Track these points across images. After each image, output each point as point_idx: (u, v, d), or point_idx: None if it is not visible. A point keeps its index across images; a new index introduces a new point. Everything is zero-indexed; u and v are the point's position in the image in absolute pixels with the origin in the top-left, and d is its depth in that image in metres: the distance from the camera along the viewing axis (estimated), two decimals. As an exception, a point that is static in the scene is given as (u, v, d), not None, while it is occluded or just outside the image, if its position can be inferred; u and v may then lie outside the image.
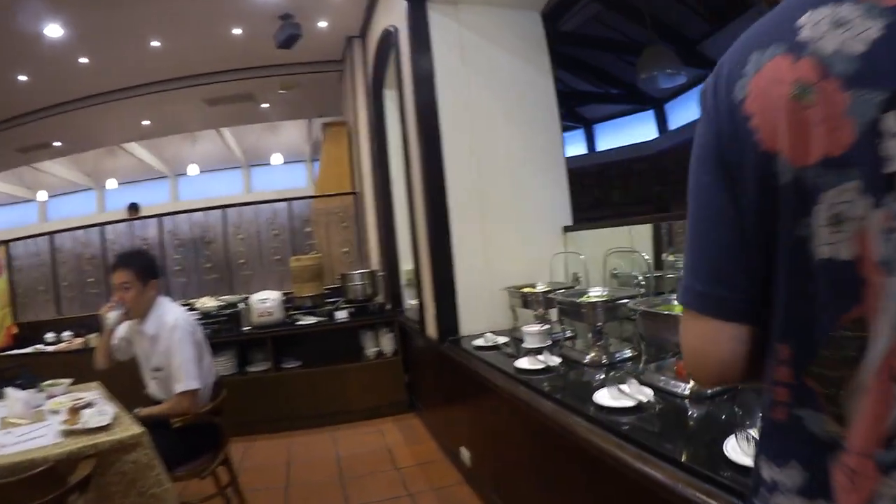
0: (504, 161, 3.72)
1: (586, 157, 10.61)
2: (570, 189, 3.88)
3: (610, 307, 2.51)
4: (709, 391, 1.86)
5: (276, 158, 12.88)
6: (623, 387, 1.92)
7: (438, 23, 3.61)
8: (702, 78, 7.03)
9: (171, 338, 2.86)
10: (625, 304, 2.49)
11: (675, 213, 3.35)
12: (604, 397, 1.93)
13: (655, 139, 9.61)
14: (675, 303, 2.18)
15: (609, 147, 10.42)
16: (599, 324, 2.52)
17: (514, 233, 3.72)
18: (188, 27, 5.57)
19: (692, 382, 1.90)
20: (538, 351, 2.74)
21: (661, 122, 9.51)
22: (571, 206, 3.88)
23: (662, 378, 2.02)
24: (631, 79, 8.48)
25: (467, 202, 3.62)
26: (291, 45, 5.54)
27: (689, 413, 1.80)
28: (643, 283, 2.98)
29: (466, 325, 3.58)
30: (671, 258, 3.45)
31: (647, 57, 6.32)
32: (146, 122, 8.54)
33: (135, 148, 11.35)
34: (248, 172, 13.60)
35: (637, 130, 9.86)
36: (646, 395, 1.87)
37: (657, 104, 9.41)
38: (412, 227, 4.14)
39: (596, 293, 2.79)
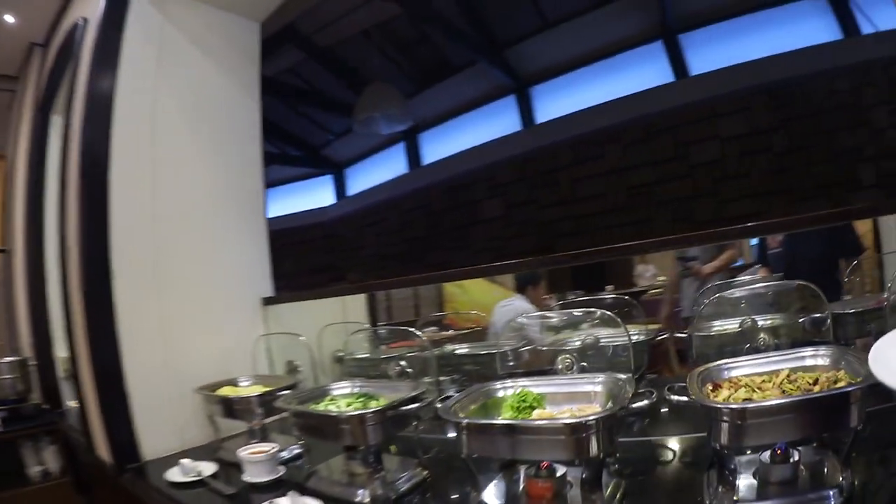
0: (195, 212, 2.81)
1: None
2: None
3: (395, 417, 1.68)
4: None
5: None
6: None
7: (140, 13, 2.60)
8: (396, 138, 6.72)
9: None
10: (415, 408, 1.70)
11: (399, 280, 2.86)
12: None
13: (331, 205, 9.16)
14: (505, 394, 1.56)
15: (282, 213, 9.64)
16: (376, 443, 1.68)
17: (206, 309, 2.80)
18: None
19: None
20: (273, 487, 1.84)
21: (340, 187, 9.12)
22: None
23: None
24: (315, 141, 8.02)
25: (141, 268, 2.57)
26: None
27: None
28: (408, 369, 2.25)
29: (151, 443, 2.47)
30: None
31: (370, 95, 5.52)
32: None
33: None
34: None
35: (314, 196, 9.29)
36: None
37: (337, 169, 9.02)
38: (65, 301, 2.87)
39: (342, 391, 2.00)
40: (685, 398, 1.31)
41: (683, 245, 2.68)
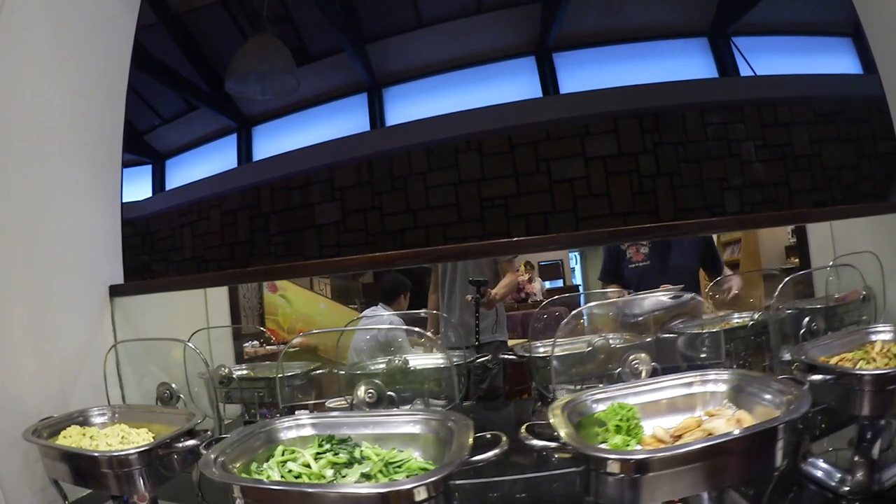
0: (28, 146, 2.10)
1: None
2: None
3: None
4: None
5: None
6: None
7: None
8: (228, 129, 6.14)
9: None
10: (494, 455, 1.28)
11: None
12: None
13: (147, 199, 8.13)
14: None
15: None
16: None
17: (32, 296, 2.07)
18: None
19: None
20: None
21: (160, 179, 8.12)
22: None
23: None
24: (140, 124, 7.12)
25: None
26: None
27: None
28: (390, 392, 1.90)
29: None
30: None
31: (256, 47, 4.39)
32: None
33: None
34: None
35: (130, 188, 8.16)
36: None
37: (159, 159, 8.03)
38: None
39: (297, 433, 1.53)
40: (826, 376, 1.35)
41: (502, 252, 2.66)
